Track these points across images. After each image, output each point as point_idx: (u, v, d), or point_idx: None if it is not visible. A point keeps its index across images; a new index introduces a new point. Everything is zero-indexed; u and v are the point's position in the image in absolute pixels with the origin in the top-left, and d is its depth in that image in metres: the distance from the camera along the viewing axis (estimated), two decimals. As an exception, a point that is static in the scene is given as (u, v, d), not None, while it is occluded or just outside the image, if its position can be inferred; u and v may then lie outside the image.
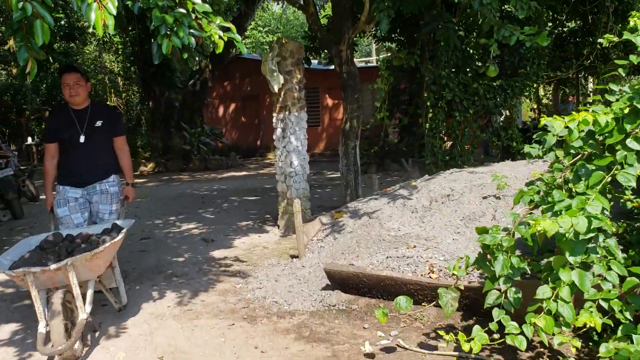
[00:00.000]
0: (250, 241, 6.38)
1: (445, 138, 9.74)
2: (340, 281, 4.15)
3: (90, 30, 15.08)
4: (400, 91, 13.24)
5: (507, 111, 9.97)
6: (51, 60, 17.42)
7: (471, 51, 9.35)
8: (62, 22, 16.90)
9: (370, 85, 7.87)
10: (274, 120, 6.58)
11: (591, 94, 17.86)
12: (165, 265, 5.47)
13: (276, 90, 6.34)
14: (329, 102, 20.16)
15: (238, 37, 3.48)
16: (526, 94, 10.12)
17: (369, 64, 29.43)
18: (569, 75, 10.85)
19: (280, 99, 6.43)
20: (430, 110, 9.21)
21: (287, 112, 6.39)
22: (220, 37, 3.36)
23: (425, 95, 9.09)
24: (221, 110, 22.42)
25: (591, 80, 15.56)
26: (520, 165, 5.56)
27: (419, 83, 10.94)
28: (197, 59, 17.57)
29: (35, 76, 3.02)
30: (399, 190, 5.89)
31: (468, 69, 9.12)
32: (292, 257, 5.25)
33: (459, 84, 9.38)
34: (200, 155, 16.76)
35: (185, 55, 3.31)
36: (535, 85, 9.93)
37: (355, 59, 8.83)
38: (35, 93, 22.75)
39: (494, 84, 9.77)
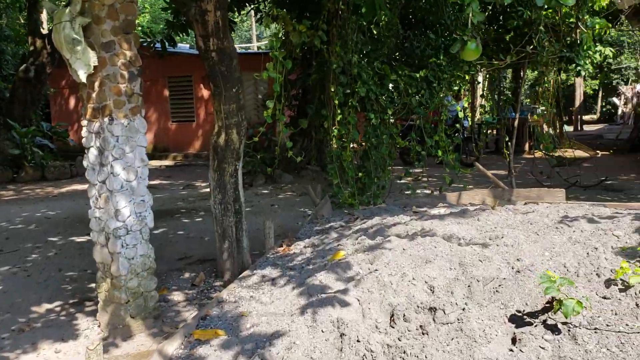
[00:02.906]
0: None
1: (356, 147, 7.30)
2: None
3: None
4: (290, 83, 10.56)
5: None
6: None
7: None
8: None
9: (256, 74, 5.29)
10: (83, 132, 3.64)
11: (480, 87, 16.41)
12: None
13: (83, 78, 3.41)
14: (205, 93, 17.04)
15: None
16: (456, 88, 7.92)
17: (249, 51, 26.50)
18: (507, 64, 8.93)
19: (94, 96, 3.51)
20: (339, 111, 6.66)
21: (106, 120, 3.49)
22: None
23: (333, 90, 6.52)
24: (72, 103, 18.43)
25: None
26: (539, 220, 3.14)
27: (320, 72, 8.37)
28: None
29: None
30: (317, 263, 3.26)
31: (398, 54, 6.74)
32: None
33: (374, 75, 6.95)
34: (35, 161, 12.99)
35: None
36: (467, 77, 7.74)
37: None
38: None
39: (417, 75, 7.46)
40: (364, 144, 7.12)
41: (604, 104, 30.07)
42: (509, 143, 9.41)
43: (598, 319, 2.11)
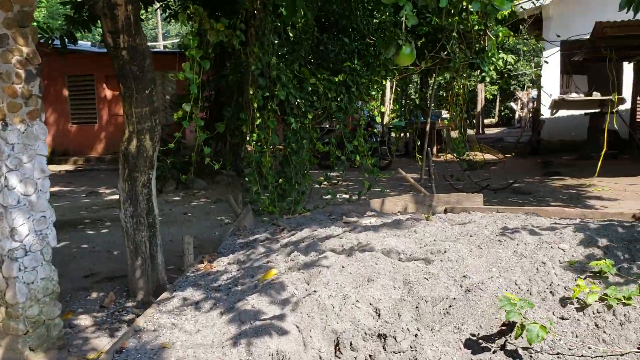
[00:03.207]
0: None
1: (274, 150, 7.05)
2: None
3: None
4: (203, 84, 10.11)
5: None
6: None
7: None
8: None
9: (171, 74, 4.90)
10: (-30, 141, 3.14)
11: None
12: None
13: (-32, 77, 2.93)
14: (108, 93, 16.08)
15: None
16: (373, 93, 7.88)
17: (155, 49, 25.45)
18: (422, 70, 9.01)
19: (-18, 97, 3.03)
20: (258, 114, 6.40)
21: (-2, 126, 3.02)
22: None
23: (251, 92, 6.24)
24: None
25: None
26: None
27: (235, 73, 8.04)
28: None
29: None
30: (246, 283, 3.00)
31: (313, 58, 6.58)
32: None
33: (294, 79, 6.75)
34: None
35: None
36: (384, 82, 7.73)
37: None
38: None
39: (336, 79, 7.34)
40: (283, 148, 6.90)
41: (502, 108, 31.78)
42: (422, 147, 9.55)
43: (559, 343, 2.02)
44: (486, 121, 30.07)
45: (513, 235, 3.02)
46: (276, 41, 7.08)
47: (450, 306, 2.27)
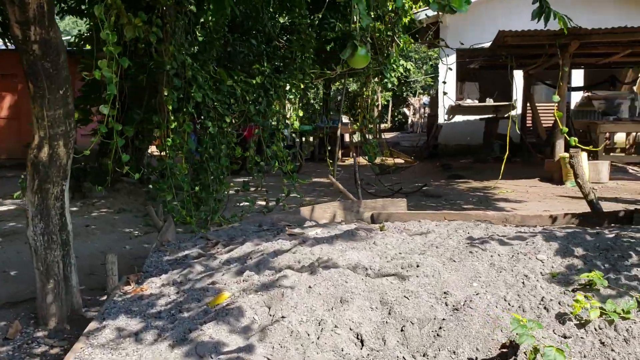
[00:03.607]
0: None
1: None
2: None
3: None
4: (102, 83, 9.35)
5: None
6: None
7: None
8: None
9: (85, 72, 4.36)
10: None
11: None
12: None
13: None
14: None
15: None
16: (291, 96, 7.69)
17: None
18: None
19: None
20: (172, 117, 5.98)
21: None
22: None
23: (166, 94, 5.80)
24: None
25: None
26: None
27: (143, 72, 7.47)
28: None
29: None
30: (193, 309, 2.67)
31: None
32: None
33: (210, 80, 6.39)
34: None
35: None
36: (302, 86, 7.57)
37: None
38: None
39: (253, 82, 7.07)
40: (199, 154, 6.51)
41: (395, 113, 32.91)
42: (332, 152, 9.49)
43: (570, 366, 1.93)
44: (382, 126, 31.02)
45: (483, 245, 2.95)
46: (187, 40, 6.67)
47: (440, 327, 2.12)
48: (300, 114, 7.73)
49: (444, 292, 2.41)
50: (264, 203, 7.30)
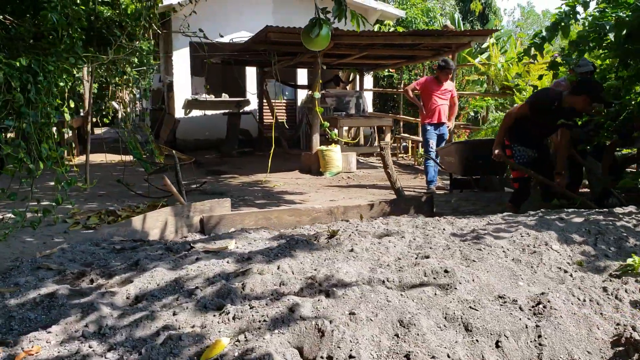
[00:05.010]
0: None
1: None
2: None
3: None
4: None
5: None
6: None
7: None
8: None
9: None
10: None
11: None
12: None
13: None
14: None
15: None
16: (62, 84, 6.31)
17: None
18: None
19: None
20: None
21: None
22: None
23: None
24: None
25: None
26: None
27: None
28: None
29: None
30: None
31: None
32: None
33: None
34: None
35: None
36: (74, 71, 6.32)
37: None
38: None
39: (17, 63, 5.59)
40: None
41: (103, 107, 30.44)
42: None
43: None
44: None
45: (480, 241, 2.82)
46: None
47: (539, 336, 1.93)
48: (72, 105, 6.45)
49: (499, 297, 2.22)
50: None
